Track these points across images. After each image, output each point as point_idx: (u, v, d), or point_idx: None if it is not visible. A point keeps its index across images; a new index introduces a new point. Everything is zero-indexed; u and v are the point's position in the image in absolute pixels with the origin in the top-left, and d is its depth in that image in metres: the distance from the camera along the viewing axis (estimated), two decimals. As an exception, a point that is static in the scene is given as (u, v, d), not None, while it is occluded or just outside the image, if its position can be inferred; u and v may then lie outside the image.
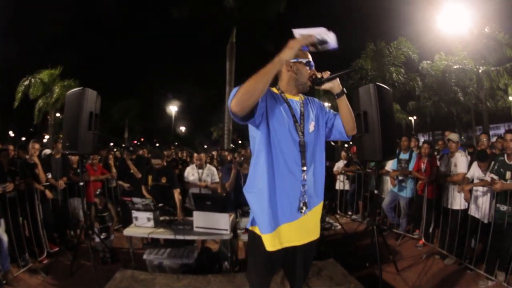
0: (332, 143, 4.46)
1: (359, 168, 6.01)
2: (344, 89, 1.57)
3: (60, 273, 3.71)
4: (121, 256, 4.07)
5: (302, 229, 1.52)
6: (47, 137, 19.81)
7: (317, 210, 1.61)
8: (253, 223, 1.53)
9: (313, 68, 1.59)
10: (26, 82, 16.59)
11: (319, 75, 1.54)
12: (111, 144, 30.60)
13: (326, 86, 1.54)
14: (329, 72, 1.54)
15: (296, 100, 1.61)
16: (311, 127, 1.60)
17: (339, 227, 3.54)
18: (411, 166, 4.83)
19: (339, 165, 6.42)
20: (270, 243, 1.45)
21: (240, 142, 36.77)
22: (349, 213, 6.35)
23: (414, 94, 19.24)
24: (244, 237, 3.18)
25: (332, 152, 4.47)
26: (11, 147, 4.79)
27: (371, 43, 17.10)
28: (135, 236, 3.61)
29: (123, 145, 18.84)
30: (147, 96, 31.80)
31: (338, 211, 6.57)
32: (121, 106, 28.27)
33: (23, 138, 30.29)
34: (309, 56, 1.59)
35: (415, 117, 29.90)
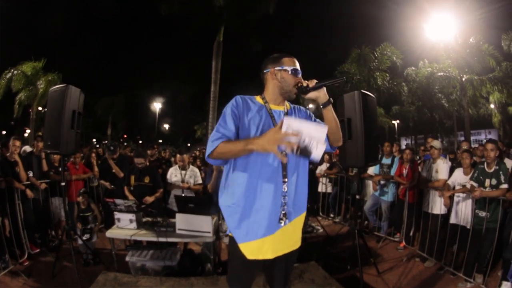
0: None
1: (341, 171, 6.10)
2: (331, 99, 1.52)
3: (42, 275, 3.62)
4: (104, 258, 3.98)
5: (282, 240, 1.50)
6: (28, 131, 19.17)
7: (299, 220, 1.57)
8: (231, 230, 1.52)
9: (300, 75, 1.55)
10: (9, 75, 16.04)
11: (305, 84, 1.49)
12: (94, 140, 29.98)
13: (312, 95, 1.48)
14: (315, 81, 1.48)
15: (281, 110, 1.58)
16: None
17: (321, 230, 3.58)
18: (393, 171, 4.95)
19: (322, 167, 6.49)
20: (249, 252, 1.45)
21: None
22: (331, 215, 6.42)
23: (398, 99, 19.76)
24: (227, 240, 3.19)
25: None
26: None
27: (357, 48, 17.41)
28: (117, 238, 3.58)
29: (104, 143, 18.46)
30: (131, 92, 31.24)
31: (320, 213, 6.65)
32: (105, 102, 27.80)
33: (4, 132, 29.25)
34: (296, 64, 1.55)
35: (398, 121, 30.62)
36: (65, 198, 3.81)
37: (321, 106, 1.53)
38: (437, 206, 4.06)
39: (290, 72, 1.52)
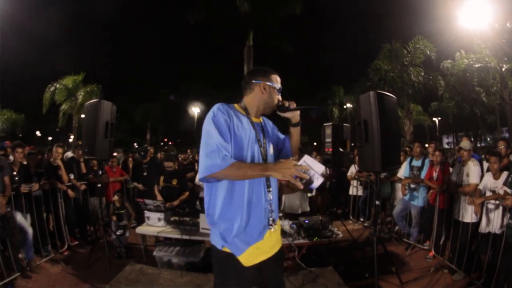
0: (341, 149, 4.46)
1: (371, 174, 5.94)
2: (301, 121, 1.66)
3: (78, 264, 4.09)
4: (135, 252, 4.36)
5: (270, 242, 1.58)
6: (72, 137, 20.93)
7: (278, 223, 1.68)
8: (224, 245, 1.49)
9: (280, 94, 1.65)
10: (52, 88, 17.77)
11: (286, 104, 1.59)
12: (135, 144, 31.55)
13: (288, 114, 1.63)
14: (295, 104, 1.60)
15: (258, 122, 1.64)
16: (271, 149, 1.66)
17: (341, 235, 3.56)
18: (423, 174, 4.64)
19: (353, 170, 6.33)
20: (246, 260, 1.49)
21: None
22: (361, 219, 6.27)
23: (436, 94, 18.51)
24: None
25: (340, 158, 4.47)
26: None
27: (387, 44, 16.61)
28: (146, 234, 3.91)
29: (137, 148, 19.40)
30: (169, 99, 32.36)
31: (351, 217, 6.51)
32: (143, 108, 29.08)
33: (50, 138, 31.90)
34: (279, 82, 1.64)
35: (439, 118, 28.83)
36: (101, 198, 4.23)
37: (292, 125, 1.69)
38: (468, 213, 3.76)
39: (276, 90, 1.62)
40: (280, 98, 1.64)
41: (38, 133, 34.06)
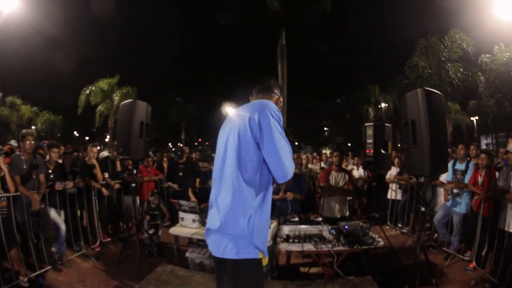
0: (382, 151, 4.20)
1: (412, 177, 5.52)
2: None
3: (109, 260, 4.16)
4: (167, 252, 4.36)
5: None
6: (108, 136, 21.95)
7: None
8: (257, 249, 1.44)
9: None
10: (87, 91, 18.72)
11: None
12: (169, 144, 32.52)
13: None
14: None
15: None
16: None
17: (382, 243, 3.33)
18: (467, 178, 4.33)
19: (392, 172, 6.01)
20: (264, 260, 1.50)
21: (296, 143, 36.36)
22: (399, 225, 5.92)
23: (475, 92, 17.22)
24: (284, 246, 3.18)
25: (382, 160, 4.23)
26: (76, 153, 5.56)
27: (423, 39, 15.69)
28: (179, 235, 3.88)
29: (173, 149, 19.90)
30: (203, 98, 33.01)
31: (388, 223, 6.16)
32: (177, 109, 29.87)
33: (87, 138, 33.62)
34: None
35: (476, 118, 26.96)
36: (135, 197, 4.28)
37: None
38: (515, 223, 3.42)
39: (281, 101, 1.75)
40: None
41: (75, 133, 35.91)
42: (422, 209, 3.28)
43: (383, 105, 25.18)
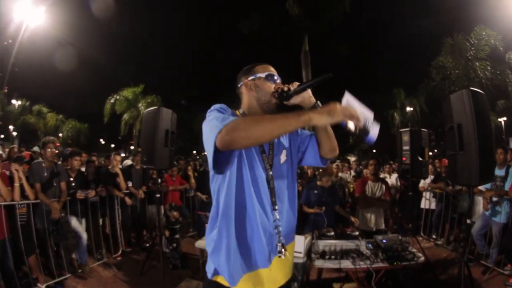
0: (420, 158, 3.96)
1: (447, 184, 5.20)
2: (319, 102, 1.26)
3: (131, 270, 4.07)
4: (192, 263, 4.23)
5: (276, 273, 1.29)
6: (133, 144, 22.55)
7: (291, 248, 1.35)
8: (215, 273, 1.27)
9: (278, 81, 1.34)
10: (112, 100, 19.34)
11: (285, 88, 1.26)
12: (194, 152, 32.97)
13: (296, 100, 1.25)
14: (297, 83, 1.25)
15: None
16: (283, 156, 1.35)
17: (422, 258, 3.06)
18: (507, 185, 3.99)
19: (426, 181, 5.64)
20: None
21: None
22: (433, 236, 5.55)
23: (504, 91, 16.24)
24: (320, 263, 2.98)
25: (419, 168, 3.97)
26: (94, 158, 5.64)
27: (449, 38, 14.98)
28: (205, 249, 3.72)
29: (197, 157, 20.07)
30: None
31: (422, 233, 5.78)
32: (200, 118, 30.23)
33: (112, 145, 34.64)
34: (270, 69, 1.35)
35: (505, 118, 25.50)
36: (159, 206, 4.20)
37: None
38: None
39: (264, 79, 1.32)
40: (277, 85, 1.32)
41: (101, 140, 36.99)
42: (468, 221, 2.97)
43: (408, 109, 24.35)
